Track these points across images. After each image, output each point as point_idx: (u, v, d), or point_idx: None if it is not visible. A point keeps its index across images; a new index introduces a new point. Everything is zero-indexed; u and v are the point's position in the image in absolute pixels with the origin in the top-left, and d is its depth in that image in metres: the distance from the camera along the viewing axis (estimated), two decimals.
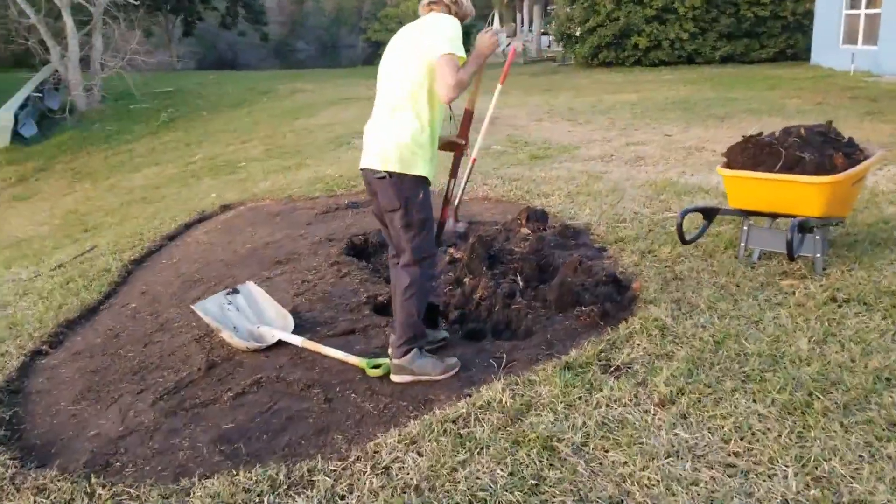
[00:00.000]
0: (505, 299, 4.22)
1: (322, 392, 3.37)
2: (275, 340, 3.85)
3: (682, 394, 3.08)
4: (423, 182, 3.33)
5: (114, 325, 4.59)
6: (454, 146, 3.80)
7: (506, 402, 3.09)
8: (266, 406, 3.30)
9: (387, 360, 3.53)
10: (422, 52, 3.24)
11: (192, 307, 4.01)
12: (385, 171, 3.26)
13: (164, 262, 5.95)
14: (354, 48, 53.76)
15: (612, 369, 3.34)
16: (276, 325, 4.04)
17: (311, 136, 12.55)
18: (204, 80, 23.98)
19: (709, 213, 4.46)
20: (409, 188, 3.29)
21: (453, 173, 3.99)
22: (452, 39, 3.16)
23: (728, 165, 4.53)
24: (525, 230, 5.46)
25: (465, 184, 5.75)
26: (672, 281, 4.33)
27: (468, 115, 3.80)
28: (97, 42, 19.73)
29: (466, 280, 4.50)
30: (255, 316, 4.07)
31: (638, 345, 3.55)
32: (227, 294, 4.14)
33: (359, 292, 4.57)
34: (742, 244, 4.61)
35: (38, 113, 18.57)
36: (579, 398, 3.10)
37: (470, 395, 3.23)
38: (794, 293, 4.07)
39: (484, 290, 4.33)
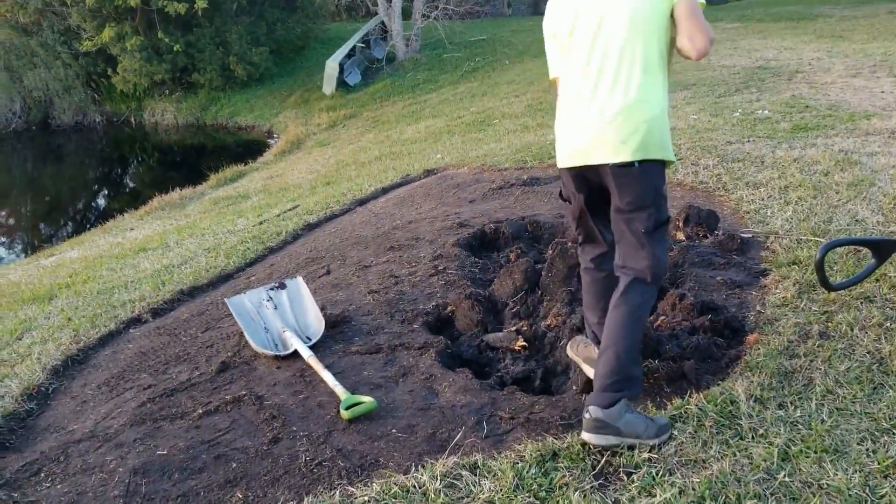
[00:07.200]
0: (573, 333, 3.34)
1: (278, 428, 2.92)
2: (291, 350, 3.48)
3: None
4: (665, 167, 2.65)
5: (213, 301, 4.57)
6: None
7: (429, 496, 2.37)
8: (214, 434, 2.94)
9: (368, 400, 2.97)
10: None
11: (225, 300, 3.78)
12: (635, 161, 2.52)
13: (319, 233, 5.87)
14: None
15: (602, 473, 2.40)
16: (311, 329, 3.66)
17: None
18: (520, 27, 23.84)
19: (881, 249, 3.00)
20: (658, 176, 2.61)
21: None
22: None
23: None
24: (680, 235, 4.34)
25: None
26: (809, 339, 3.05)
27: None
28: None
29: (544, 303, 3.66)
30: (294, 316, 3.73)
31: (673, 437, 2.52)
32: (271, 289, 3.84)
33: (434, 297, 3.99)
34: None
35: (364, 62, 19.99)
36: None
37: (423, 467, 2.56)
38: None
39: (555, 318, 3.48)
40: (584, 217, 2.80)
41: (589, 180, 2.69)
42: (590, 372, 2.87)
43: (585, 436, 2.48)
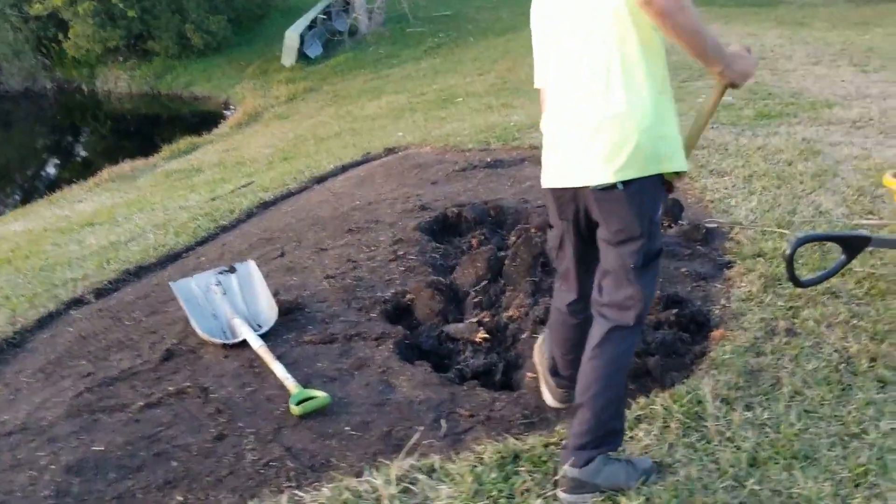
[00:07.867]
0: (536, 325, 3.23)
1: (224, 424, 2.77)
2: (240, 339, 3.31)
3: None
4: (663, 184, 2.19)
5: (160, 282, 4.36)
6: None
7: (383, 503, 2.24)
8: (155, 429, 2.77)
9: (321, 395, 2.82)
10: None
11: (171, 284, 3.59)
12: (618, 182, 2.08)
13: (275, 212, 5.67)
14: None
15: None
16: (262, 316, 3.50)
17: None
18: (485, 4, 23.58)
19: (851, 244, 2.95)
20: (650, 199, 2.14)
21: None
22: None
23: None
24: None
25: None
26: (776, 336, 2.99)
27: None
28: None
29: (507, 293, 3.54)
30: (244, 302, 3.55)
31: (636, 440, 2.43)
32: (221, 273, 3.66)
33: (393, 284, 3.84)
34: None
35: (325, 34, 19.55)
36: None
37: (377, 469, 2.43)
38: None
39: (517, 309, 3.36)
40: (565, 251, 2.39)
41: (575, 209, 2.25)
42: (546, 396, 2.73)
43: (561, 495, 2.19)
